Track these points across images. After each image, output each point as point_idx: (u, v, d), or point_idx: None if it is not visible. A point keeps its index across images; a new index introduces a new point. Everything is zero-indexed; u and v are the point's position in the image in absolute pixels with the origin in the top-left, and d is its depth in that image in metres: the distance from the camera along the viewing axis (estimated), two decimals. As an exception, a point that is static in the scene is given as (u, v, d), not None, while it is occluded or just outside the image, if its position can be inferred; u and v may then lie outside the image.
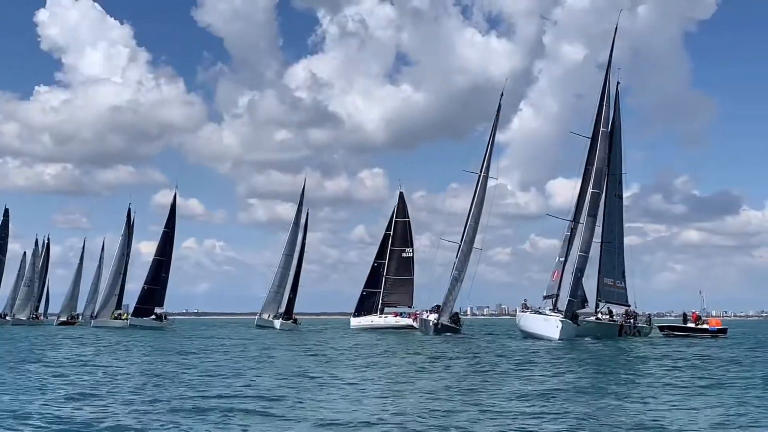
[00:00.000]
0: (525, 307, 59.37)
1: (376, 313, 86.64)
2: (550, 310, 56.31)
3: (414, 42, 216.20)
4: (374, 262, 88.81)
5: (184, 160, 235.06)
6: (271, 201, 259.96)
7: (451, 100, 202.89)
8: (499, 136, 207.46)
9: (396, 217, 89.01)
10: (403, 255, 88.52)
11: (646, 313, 70.85)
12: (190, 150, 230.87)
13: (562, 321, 52.00)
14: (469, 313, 72.60)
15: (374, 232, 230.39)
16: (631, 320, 65.60)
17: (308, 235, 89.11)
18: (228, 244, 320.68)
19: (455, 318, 65.21)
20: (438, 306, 66.30)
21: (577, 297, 55.42)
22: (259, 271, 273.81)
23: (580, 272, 54.63)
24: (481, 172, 66.00)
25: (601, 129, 55.52)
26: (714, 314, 76.44)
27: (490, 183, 65.91)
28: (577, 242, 55.43)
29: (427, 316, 65.98)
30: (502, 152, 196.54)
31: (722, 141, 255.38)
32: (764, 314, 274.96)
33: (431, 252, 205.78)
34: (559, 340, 50.56)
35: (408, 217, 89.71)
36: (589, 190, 54.77)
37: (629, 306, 67.46)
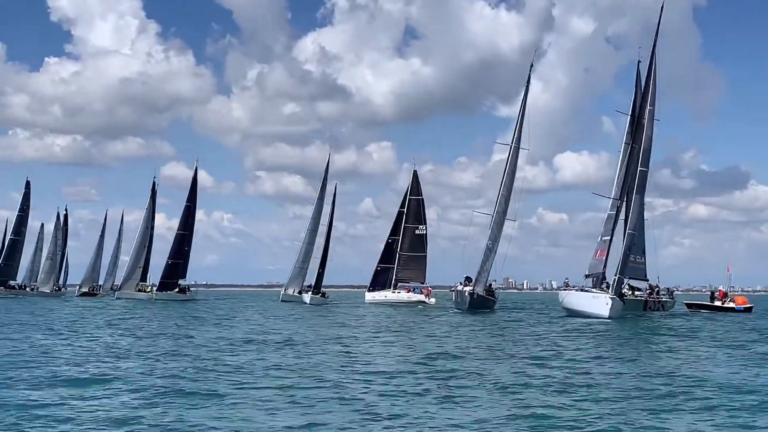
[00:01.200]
0: (567, 286, 56.83)
1: (390, 288, 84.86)
2: (596, 288, 53.58)
3: (423, 15, 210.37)
4: (388, 239, 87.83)
5: (193, 132, 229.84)
6: (279, 174, 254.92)
7: (460, 74, 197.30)
8: (507, 110, 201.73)
9: (410, 195, 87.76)
10: (416, 232, 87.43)
11: (666, 287, 69.10)
12: (198, 122, 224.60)
13: (611, 298, 49.51)
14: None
15: (381, 206, 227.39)
16: (654, 295, 64.06)
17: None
18: (235, 216, 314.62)
19: (489, 291, 62.48)
20: (468, 278, 63.66)
21: (625, 274, 52.97)
22: (266, 243, 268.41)
23: (629, 250, 52.16)
24: (512, 143, 63.23)
25: (648, 107, 52.74)
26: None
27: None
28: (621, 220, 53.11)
29: (462, 288, 62.99)
30: (509, 125, 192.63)
31: (731, 115, 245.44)
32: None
33: (445, 227, 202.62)
34: (608, 317, 48.13)
35: (421, 195, 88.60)
36: (638, 168, 52.08)
37: (648, 281, 65.67)
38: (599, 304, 49.65)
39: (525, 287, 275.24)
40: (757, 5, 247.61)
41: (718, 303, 64.74)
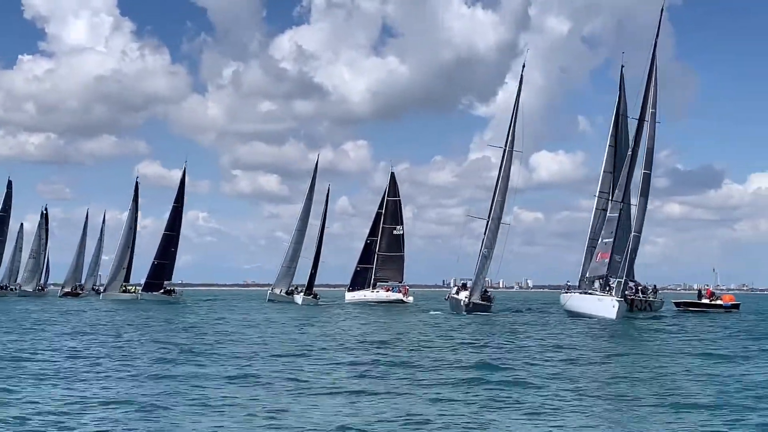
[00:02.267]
0: (569, 288, 55.02)
1: (369, 287, 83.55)
2: (599, 290, 51.85)
3: (400, 14, 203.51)
4: (367, 239, 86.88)
5: (168, 131, 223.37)
6: (255, 172, 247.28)
7: (437, 73, 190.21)
8: (484, 109, 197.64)
9: (387, 196, 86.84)
10: (394, 232, 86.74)
11: (653, 284, 67.93)
12: (174, 121, 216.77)
13: (618, 301, 47.92)
14: (452, 284, 69.59)
15: (358, 204, 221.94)
16: (640, 294, 62.81)
17: (292, 207, 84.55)
18: (211, 215, 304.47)
19: (485, 296, 60.22)
20: (464, 283, 61.45)
21: (630, 276, 51.42)
22: (242, 242, 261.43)
23: (634, 252, 50.53)
24: (506, 146, 60.86)
25: (650, 110, 51.17)
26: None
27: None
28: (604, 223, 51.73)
29: (457, 293, 60.65)
30: (486, 125, 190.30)
31: (706, 115, 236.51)
32: (745, 288, 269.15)
33: (421, 226, 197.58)
34: (615, 319, 46.44)
35: (399, 196, 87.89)
36: (642, 171, 50.50)
37: (636, 281, 64.36)
38: (606, 306, 48.15)
39: (501, 286, 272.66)
40: (731, 4, 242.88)
41: (706, 301, 63.88)
